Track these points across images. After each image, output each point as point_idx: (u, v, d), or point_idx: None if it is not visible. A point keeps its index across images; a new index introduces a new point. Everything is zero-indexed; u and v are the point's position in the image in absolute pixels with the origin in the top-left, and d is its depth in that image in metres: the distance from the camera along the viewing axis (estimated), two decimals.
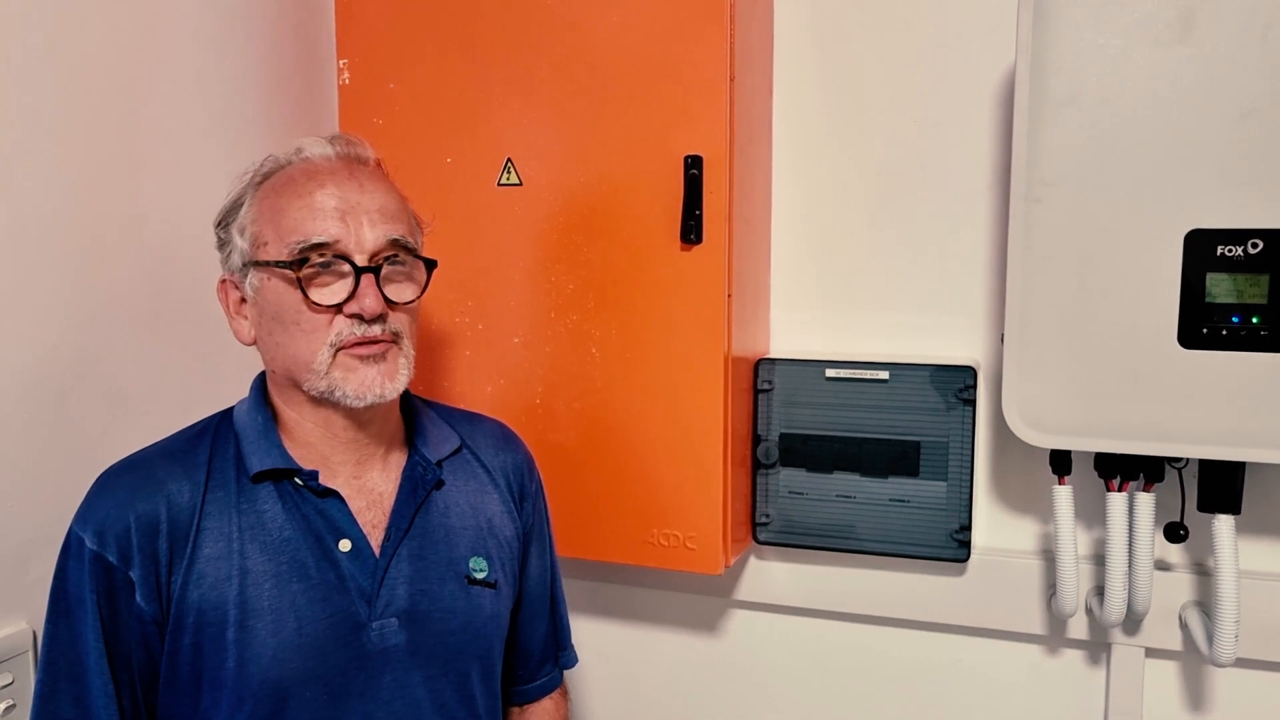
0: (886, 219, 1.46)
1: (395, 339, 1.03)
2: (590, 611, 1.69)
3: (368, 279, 1.00)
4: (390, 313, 1.02)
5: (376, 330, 1.00)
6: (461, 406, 1.31)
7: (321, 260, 0.99)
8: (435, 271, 1.08)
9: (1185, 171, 1.14)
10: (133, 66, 1.32)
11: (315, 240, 0.99)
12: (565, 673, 1.32)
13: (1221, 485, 1.24)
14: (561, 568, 1.31)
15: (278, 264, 0.99)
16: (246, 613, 0.98)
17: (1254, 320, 1.15)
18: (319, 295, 0.99)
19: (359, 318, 0.99)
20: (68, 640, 0.96)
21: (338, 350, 1.00)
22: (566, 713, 1.32)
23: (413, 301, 1.05)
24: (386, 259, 1.02)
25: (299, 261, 0.99)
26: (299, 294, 0.99)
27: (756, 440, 1.45)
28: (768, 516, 1.47)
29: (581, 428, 1.40)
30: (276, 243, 1.00)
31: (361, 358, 1.01)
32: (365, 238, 1.00)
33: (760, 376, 1.45)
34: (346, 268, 1.00)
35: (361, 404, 1.01)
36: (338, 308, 0.99)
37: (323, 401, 1.03)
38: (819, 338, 1.52)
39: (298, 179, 1.02)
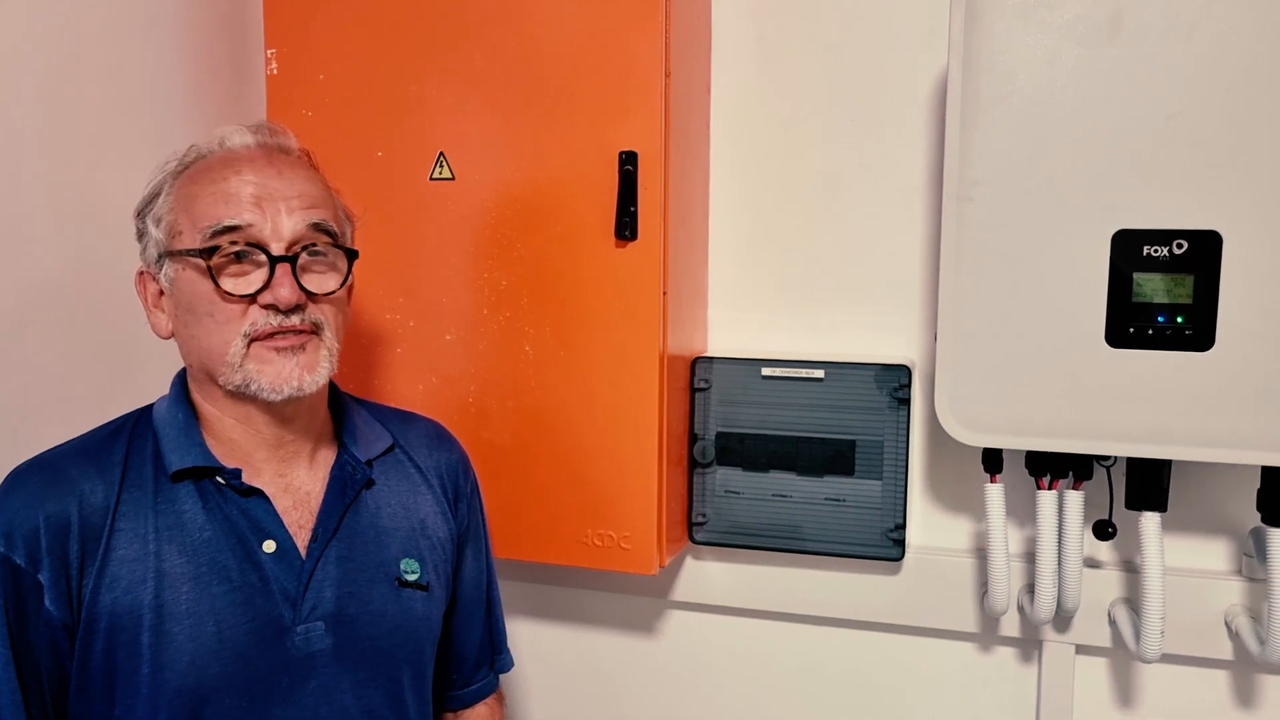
0: (824, 218, 1.46)
1: (316, 330, 1.00)
2: (526, 613, 1.67)
3: (283, 269, 0.97)
4: (310, 304, 0.99)
5: (294, 320, 0.98)
6: (393, 405, 1.28)
7: (235, 249, 0.96)
8: (366, 267, 1.07)
9: (1112, 172, 1.16)
10: (53, 53, 1.27)
11: (226, 224, 0.96)
12: (501, 676, 1.30)
13: (1148, 483, 1.26)
14: (496, 569, 1.29)
15: (189, 252, 0.97)
16: (162, 616, 0.94)
17: (1179, 320, 1.16)
18: (231, 285, 0.97)
19: (274, 308, 0.97)
20: None
21: (251, 341, 0.97)
22: (502, 717, 1.30)
23: (334, 292, 1.03)
24: (306, 248, 1.00)
25: (210, 249, 0.96)
26: (211, 284, 0.96)
27: (693, 439, 1.45)
28: (704, 516, 1.46)
29: (515, 427, 1.38)
30: (190, 231, 0.98)
31: (278, 349, 0.98)
32: (283, 225, 0.98)
33: (697, 375, 1.44)
34: (262, 257, 0.97)
35: (279, 397, 0.98)
36: (252, 298, 0.97)
37: (241, 396, 1.00)
38: (756, 336, 1.51)
39: (215, 166, 1.00)
